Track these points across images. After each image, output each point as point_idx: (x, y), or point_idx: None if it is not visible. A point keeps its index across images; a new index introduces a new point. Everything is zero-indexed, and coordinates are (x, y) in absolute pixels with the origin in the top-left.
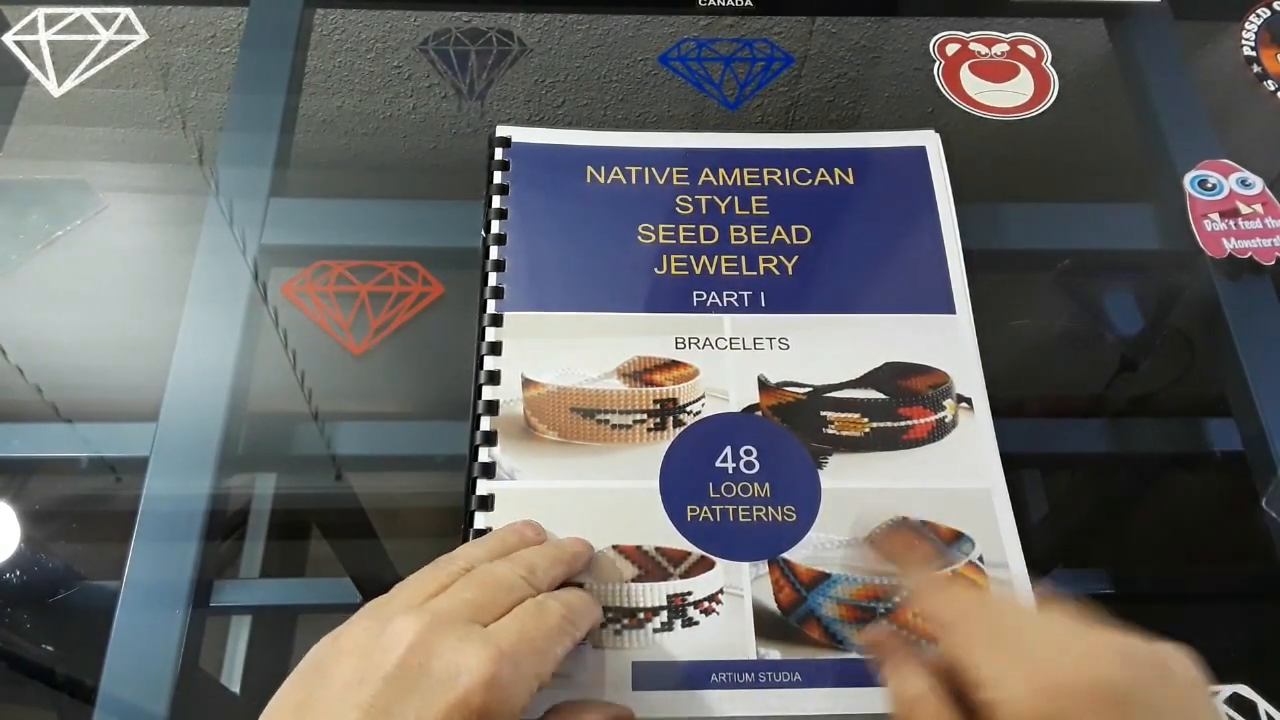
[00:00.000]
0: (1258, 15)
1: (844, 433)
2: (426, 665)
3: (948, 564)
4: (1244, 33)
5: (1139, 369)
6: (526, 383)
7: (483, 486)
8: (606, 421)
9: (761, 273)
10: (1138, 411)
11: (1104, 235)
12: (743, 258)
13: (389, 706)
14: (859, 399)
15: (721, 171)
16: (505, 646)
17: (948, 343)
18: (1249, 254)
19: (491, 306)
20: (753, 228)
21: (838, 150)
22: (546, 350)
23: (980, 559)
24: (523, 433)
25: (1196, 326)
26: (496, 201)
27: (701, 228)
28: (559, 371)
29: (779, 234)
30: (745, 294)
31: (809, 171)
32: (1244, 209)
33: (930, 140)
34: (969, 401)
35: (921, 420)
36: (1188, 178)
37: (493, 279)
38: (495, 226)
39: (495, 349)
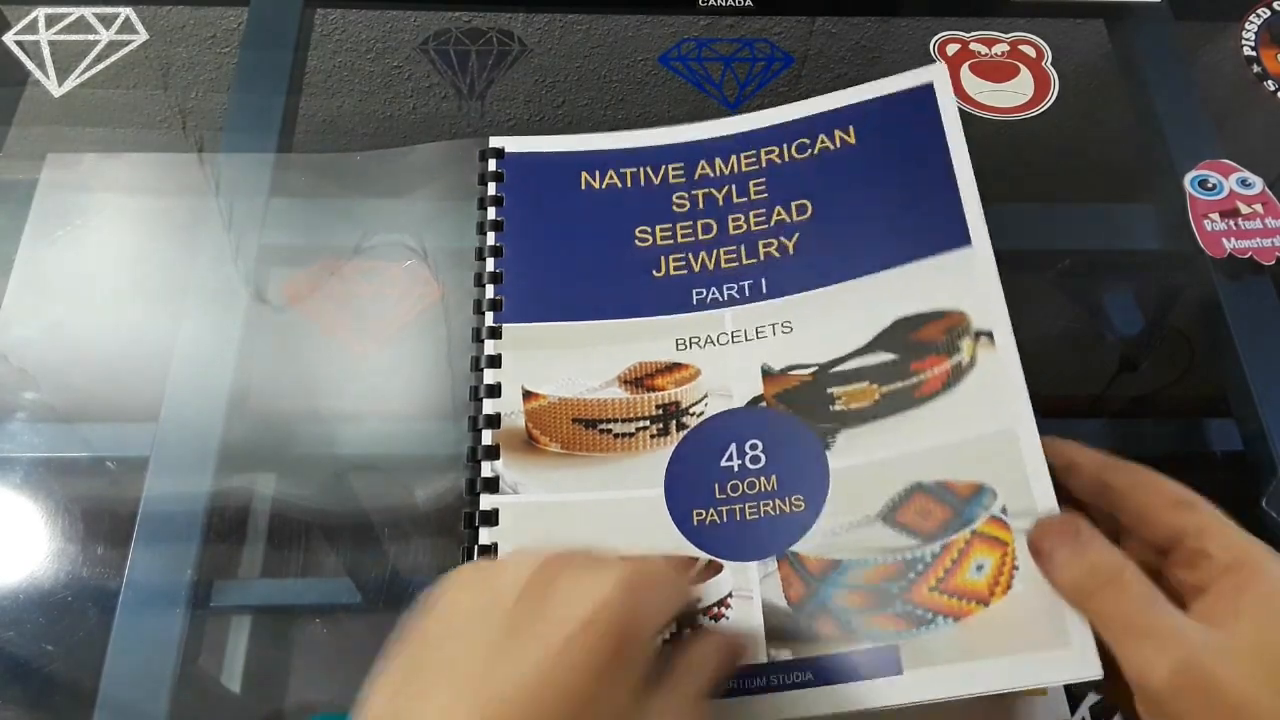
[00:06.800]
0: (1258, 15)
1: (852, 406)
2: (552, 590)
3: (965, 524)
4: (1244, 33)
5: (1139, 369)
6: (527, 395)
7: (486, 501)
8: (609, 431)
9: (762, 257)
10: (1138, 411)
11: (1104, 235)
12: (741, 246)
13: (516, 628)
14: (867, 366)
15: (718, 161)
16: (630, 572)
17: (964, 278)
18: (1249, 254)
19: (489, 319)
20: (751, 214)
21: (837, 110)
22: (546, 361)
23: (1004, 510)
24: (525, 445)
25: (1196, 326)
26: (491, 213)
27: (699, 223)
28: (560, 382)
29: (778, 214)
30: (745, 283)
31: (808, 141)
32: (1244, 209)
33: (938, 74)
34: (989, 335)
35: (935, 370)
36: (1188, 178)
37: (490, 291)
38: (491, 238)
39: (494, 362)
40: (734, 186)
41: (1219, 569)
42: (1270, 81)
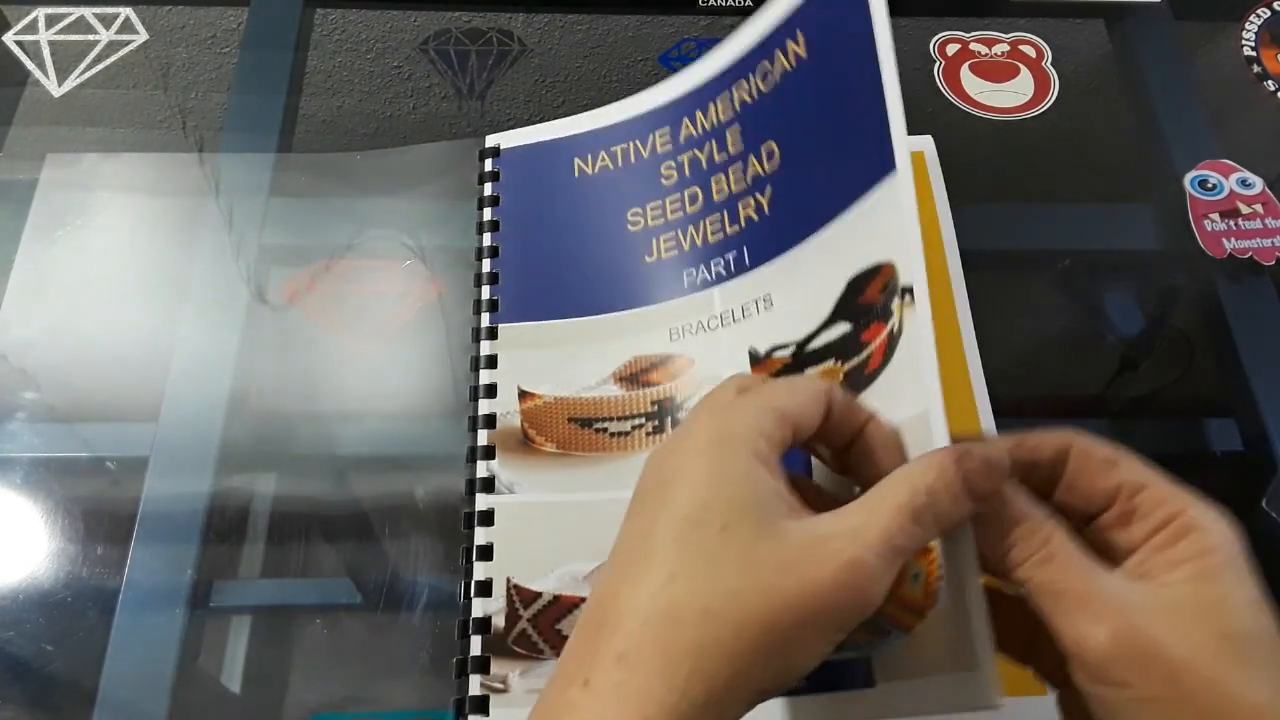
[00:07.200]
0: (1258, 15)
1: None
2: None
3: None
4: (1244, 33)
5: (1139, 369)
6: (523, 395)
7: (482, 501)
8: (605, 430)
9: (743, 223)
10: (1138, 411)
11: (1104, 235)
12: (724, 213)
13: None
14: (832, 342)
15: (699, 115)
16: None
17: (890, 215)
18: (1249, 254)
19: (486, 320)
20: (731, 171)
21: (786, 19)
22: (543, 360)
23: None
24: (521, 445)
25: (1197, 326)
26: (488, 214)
27: (686, 193)
28: (556, 382)
29: (753, 166)
30: (730, 256)
31: (769, 66)
32: (1244, 209)
33: None
34: (910, 292)
35: (877, 341)
36: (1188, 178)
37: (486, 292)
38: (487, 239)
39: (491, 362)
40: (714, 143)
41: (1151, 526)
42: (1270, 81)
